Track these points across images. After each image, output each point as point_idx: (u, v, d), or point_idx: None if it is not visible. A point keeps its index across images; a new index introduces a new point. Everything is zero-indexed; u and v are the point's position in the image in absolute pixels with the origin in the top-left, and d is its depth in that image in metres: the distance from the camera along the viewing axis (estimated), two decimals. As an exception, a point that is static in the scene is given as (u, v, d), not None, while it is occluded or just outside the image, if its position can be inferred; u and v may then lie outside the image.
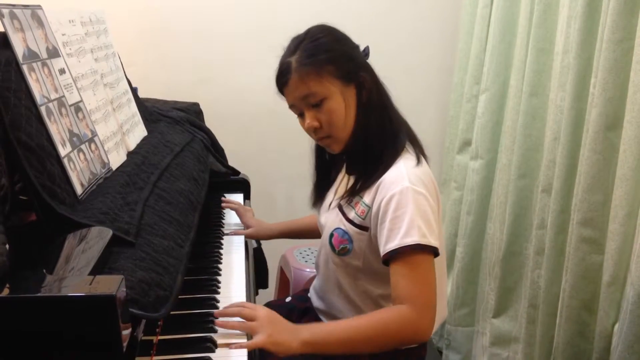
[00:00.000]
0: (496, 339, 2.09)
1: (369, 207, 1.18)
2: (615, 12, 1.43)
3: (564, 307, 1.64)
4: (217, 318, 1.11)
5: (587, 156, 1.54)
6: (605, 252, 1.52)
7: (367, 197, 1.20)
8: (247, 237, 1.61)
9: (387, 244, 1.11)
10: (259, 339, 1.03)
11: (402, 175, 1.14)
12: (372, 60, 1.29)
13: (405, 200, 1.11)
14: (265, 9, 2.24)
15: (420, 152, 1.23)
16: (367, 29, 1.29)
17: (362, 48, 1.28)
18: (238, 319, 1.10)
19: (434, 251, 1.11)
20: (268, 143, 2.35)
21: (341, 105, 1.20)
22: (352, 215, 1.22)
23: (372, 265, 1.21)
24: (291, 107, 1.26)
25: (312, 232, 1.58)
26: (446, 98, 2.34)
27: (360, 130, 1.22)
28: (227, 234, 1.60)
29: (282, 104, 1.30)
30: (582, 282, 1.59)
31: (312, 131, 1.24)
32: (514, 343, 2.04)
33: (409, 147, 1.23)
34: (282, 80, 1.22)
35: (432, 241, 1.10)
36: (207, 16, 2.23)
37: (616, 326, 1.49)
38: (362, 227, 1.21)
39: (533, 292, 1.86)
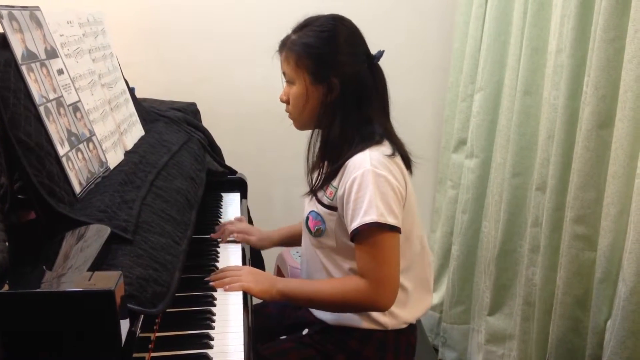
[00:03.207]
0: (491, 336, 2.11)
1: (336, 189, 1.26)
2: (607, 12, 1.45)
3: (558, 303, 1.65)
4: (210, 283, 1.28)
5: (580, 154, 1.56)
6: (597, 249, 1.54)
7: (334, 180, 1.27)
8: (250, 245, 1.57)
9: (351, 223, 1.20)
10: (246, 284, 1.26)
11: (365, 159, 1.21)
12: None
13: (366, 182, 1.18)
14: (262, 9, 2.25)
15: (404, 161, 1.28)
16: (363, 29, 1.30)
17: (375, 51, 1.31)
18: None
19: (395, 230, 1.19)
20: (265, 143, 2.37)
21: (302, 96, 1.28)
22: (322, 197, 1.29)
23: (345, 244, 1.28)
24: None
25: None
26: (442, 97, 2.36)
27: (320, 125, 1.30)
28: (230, 241, 1.54)
29: (278, 104, 1.32)
30: (575, 279, 1.61)
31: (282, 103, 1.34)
32: (509, 340, 2.05)
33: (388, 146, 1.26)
34: (279, 49, 1.32)
35: (389, 220, 1.17)
36: (204, 16, 2.24)
37: (609, 322, 1.51)
38: (331, 208, 1.28)
39: (528, 290, 1.87)
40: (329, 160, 1.29)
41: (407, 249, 1.29)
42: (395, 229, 1.19)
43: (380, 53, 1.31)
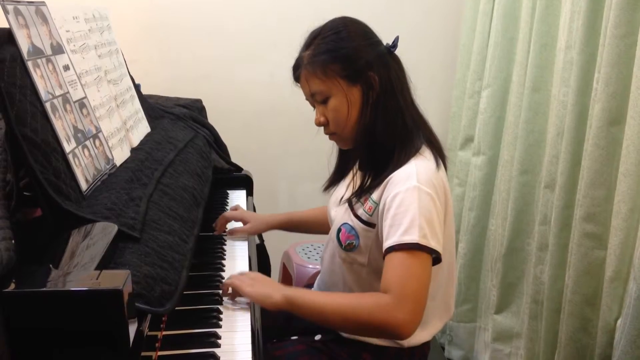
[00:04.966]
0: (498, 334, 2.10)
1: (377, 204, 1.17)
2: (618, 7, 1.43)
3: (567, 302, 1.64)
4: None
5: (590, 151, 1.54)
6: (608, 248, 1.52)
7: (375, 194, 1.19)
8: (246, 234, 1.57)
9: (387, 239, 1.10)
10: (243, 289, 1.18)
11: (412, 174, 1.13)
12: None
13: (410, 198, 1.09)
14: (267, 5, 2.24)
15: (438, 154, 1.21)
16: (369, 25, 1.28)
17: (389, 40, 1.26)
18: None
19: (432, 253, 1.09)
20: (270, 140, 2.36)
21: (344, 104, 1.20)
22: (360, 211, 1.21)
23: (377, 263, 1.20)
24: (307, 99, 1.28)
25: (317, 225, 1.55)
26: (449, 94, 2.34)
27: (366, 130, 1.21)
28: (225, 235, 1.56)
29: (284, 101, 1.30)
30: (584, 278, 1.60)
31: (320, 126, 1.26)
32: (516, 339, 2.04)
33: (426, 150, 1.20)
34: (295, 74, 1.25)
35: (431, 243, 1.08)
36: (210, 12, 2.23)
37: (619, 321, 1.49)
38: (369, 224, 1.20)
39: (536, 288, 1.86)
40: (374, 167, 1.20)
41: (435, 275, 1.15)
42: (433, 253, 1.08)
43: (397, 39, 1.25)
